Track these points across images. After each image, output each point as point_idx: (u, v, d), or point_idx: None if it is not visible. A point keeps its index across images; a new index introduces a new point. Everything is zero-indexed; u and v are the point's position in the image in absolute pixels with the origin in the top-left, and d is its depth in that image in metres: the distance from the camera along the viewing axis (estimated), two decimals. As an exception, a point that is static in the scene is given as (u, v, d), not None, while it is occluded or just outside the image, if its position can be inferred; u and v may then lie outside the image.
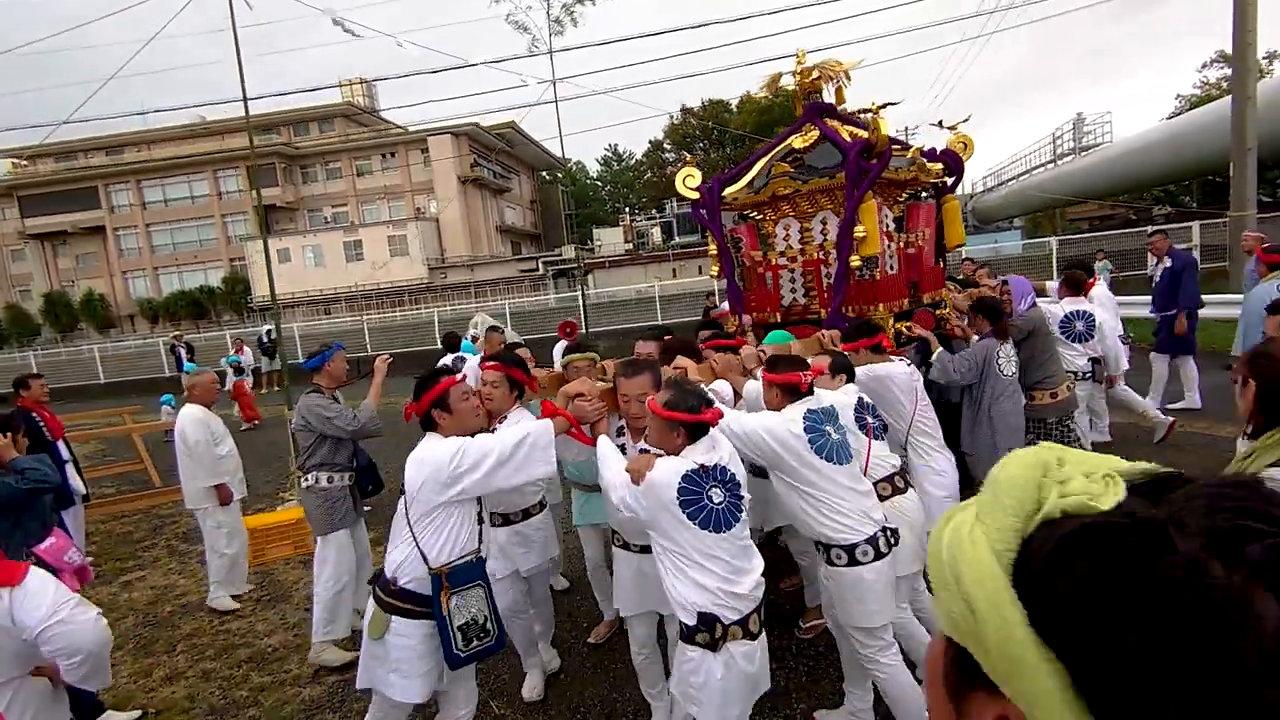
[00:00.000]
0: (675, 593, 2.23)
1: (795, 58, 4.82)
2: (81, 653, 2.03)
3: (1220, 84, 34.50)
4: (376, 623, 2.48)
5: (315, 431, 3.78)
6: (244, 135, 40.94)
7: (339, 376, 3.93)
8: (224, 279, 41.60)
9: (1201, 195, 29.40)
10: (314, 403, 3.77)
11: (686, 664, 2.23)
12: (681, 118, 42.57)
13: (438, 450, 2.48)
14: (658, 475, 2.23)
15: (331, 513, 3.83)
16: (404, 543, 2.48)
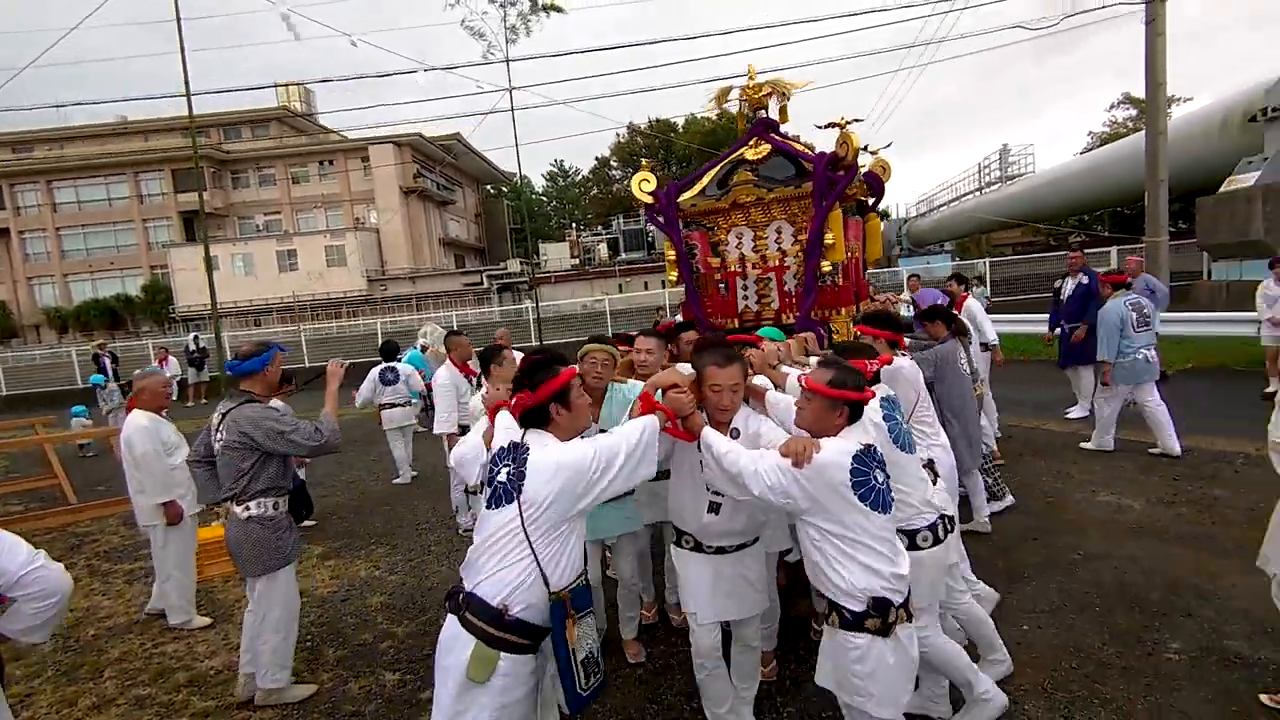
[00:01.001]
0: (840, 580, 2.15)
1: (746, 74, 4.93)
2: (57, 594, 2.04)
3: (1126, 123, 37.33)
4: (483, 663, 2.03)
5: (259, 450, 3.15)
6: (169, 136, 39.09)
7: (275, 384, 3.39)
8: (144, 287, 39.18)
9: (1112, 225, 31.61)
10: (260, 415, 3.13)
11: (852, 651, 2.14)
12: (629, 135, 42.95)
13: (574, 454, 2.14)
14: (829, 456, 2.14)
15: (281, 544, 3.27)
16: (517, 562, 2.07)
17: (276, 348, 3.39)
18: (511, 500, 2.09)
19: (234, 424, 3.14)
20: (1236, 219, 13.11)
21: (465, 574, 2.18)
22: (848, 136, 4.28)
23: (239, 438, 3.13)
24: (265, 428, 3.11)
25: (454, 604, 2.14)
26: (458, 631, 2.08)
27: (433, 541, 5.66)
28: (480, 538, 2.15)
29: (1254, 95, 14.21)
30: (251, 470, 3.17)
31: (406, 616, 4.29)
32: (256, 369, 3.29)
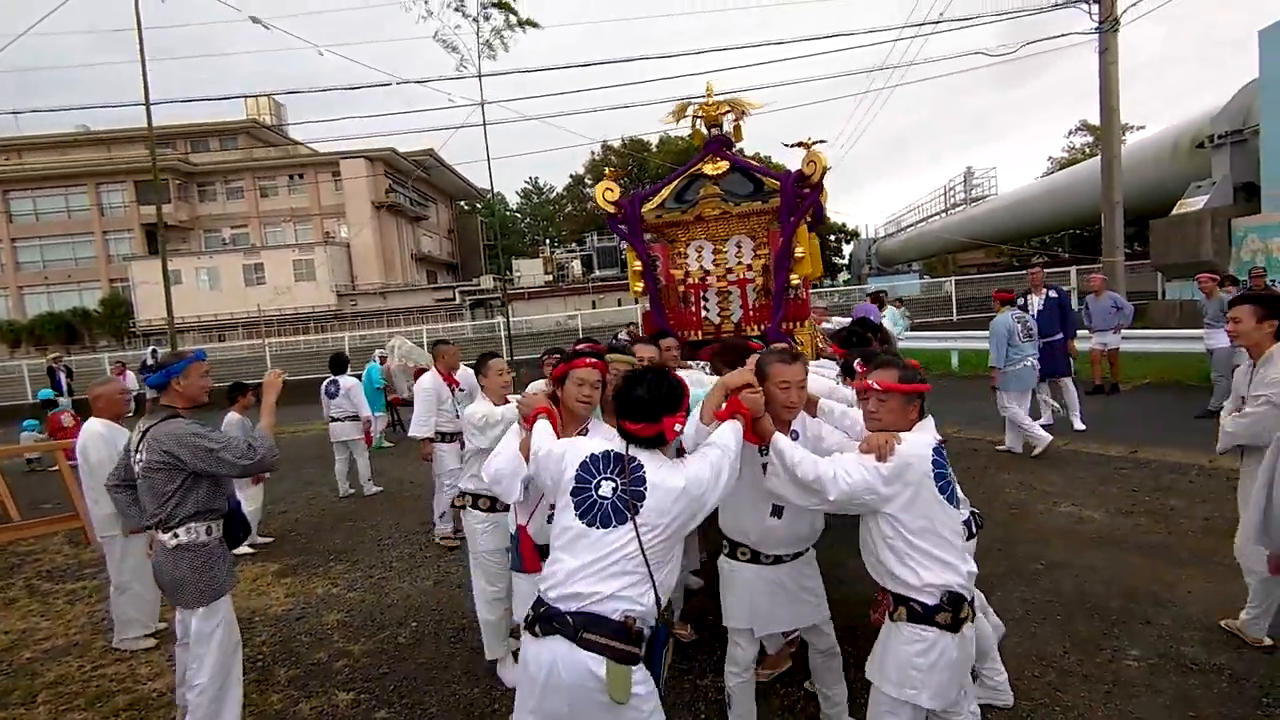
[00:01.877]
0: (914, 575, 2.13)
1: (705, 91, 4.98)
2: None
3: (1084, 149, 38.68)
4: (621, 680, 1.88)
5: (186, 470, 2.79)
6: (132, 146, 38.31)
7: (196, 396, 2.97)
8: (103, 300, 38.07)
9: (1072, 246, 32.64)
10: (185, 431, 2.76)
11: (916, 644, 2.12)
12: (603, 154, 43.24)
13: (694, 474, 2.04)
14: (912, 449, 2.14)
15: (215, 573, 2.89)
16: (635, 584, 1.97)
17: (195, 355, 3.03)
18: (625, 520, 1.98)
19: (155, 442, 2.76)
20: (1187, 240, 13.61)
21: (553, 595, 2.01)
22: (815, 156, 4.35)
23: (162, 458, 2.76)
24: (191, 445, 2.75)
25: (559, 626, 1.96)
26: (574, 656, 1.92)
27: (394, 558, 5.51)
28: (580, 559, 1.99)
29: (1201, 123, 14.84)
30: (178, 493, 2.80)
31: (364, 634, 4.15)
32: (163, 381, 2.91)
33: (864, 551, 2.32)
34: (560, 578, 2.01)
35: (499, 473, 2.49)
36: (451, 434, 5.58)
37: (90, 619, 4.67)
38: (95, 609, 4.83)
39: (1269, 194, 12.06)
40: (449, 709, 3.30)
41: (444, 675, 3.61)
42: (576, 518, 2.03)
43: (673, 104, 5.00)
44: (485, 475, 2.56)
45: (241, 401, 6.27)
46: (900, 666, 2.16)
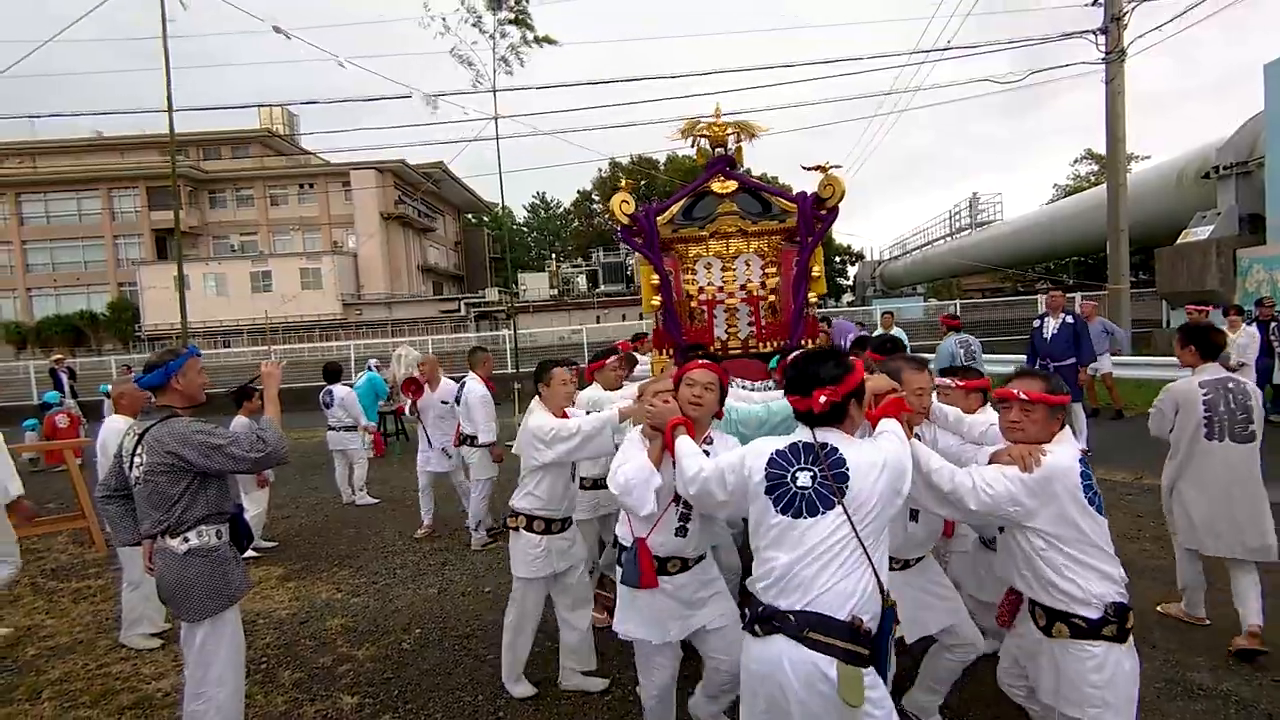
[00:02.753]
0: (1075, 588, 2.09)
1: (713, 112, 5.05)
2: None
3: (1089, 177, 38.94)
4: (853, 683, 1.82)
5: (193, 471, 2.65)
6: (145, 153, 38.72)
7: (195, 394, 2.85)
8: (110, 304, 38.30)
9: (1076, 273, 32.75)
10: (190, 430, 2.64)
11: (1088, 661, 2.07)
12: (611, 171, 43.61)
13: (894, 452, 2.02)
14: (1060, 460, 2.12)
15: (227, 579, 2.75)
16: (854, 570, 1.90)
17: (189, 352, 2.87)
18: (831, 505, 1.93)
19: (157, 444, 2.62)
20: (1193, 270, 13.66)
21: (772, 594, 1.95)
22: (833, 180, 4.45)
23: (165, 459, 2.61)
24: (196, 443, 2.61)
25: (781, 625, 1.90)
26: (800, 655, 1.86)
27: (398, 565, 5.51)
28: (793, 552, 1.93)
29: (1206, 153, 14.95)
30: (185, 495, 2.66)
31: (368, 639, 4.15)
32: (161, 380, 2.75)
33: (1005, 565, 2.27)
34: (777, 574, 1.95)
35: (630, 482, 2.37)
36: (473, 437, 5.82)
37: (95, 617, 4.67)
38: (100, 608, 4.84)
39: (1274, 225, 12.13)
40: (453, 715, 3.30)
41: (448, 682, 3.61)
42: (778, 513, 1.98)
43: (677, 129, 5.07)
44: (614, 485, 2.40)
45: (248, 405, 6.31)
46: (1076, 686, 2.10)
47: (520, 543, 3.31)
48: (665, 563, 2.53)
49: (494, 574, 5.16)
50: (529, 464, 3.26)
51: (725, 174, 4.88)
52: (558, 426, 3.13)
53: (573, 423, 3.15)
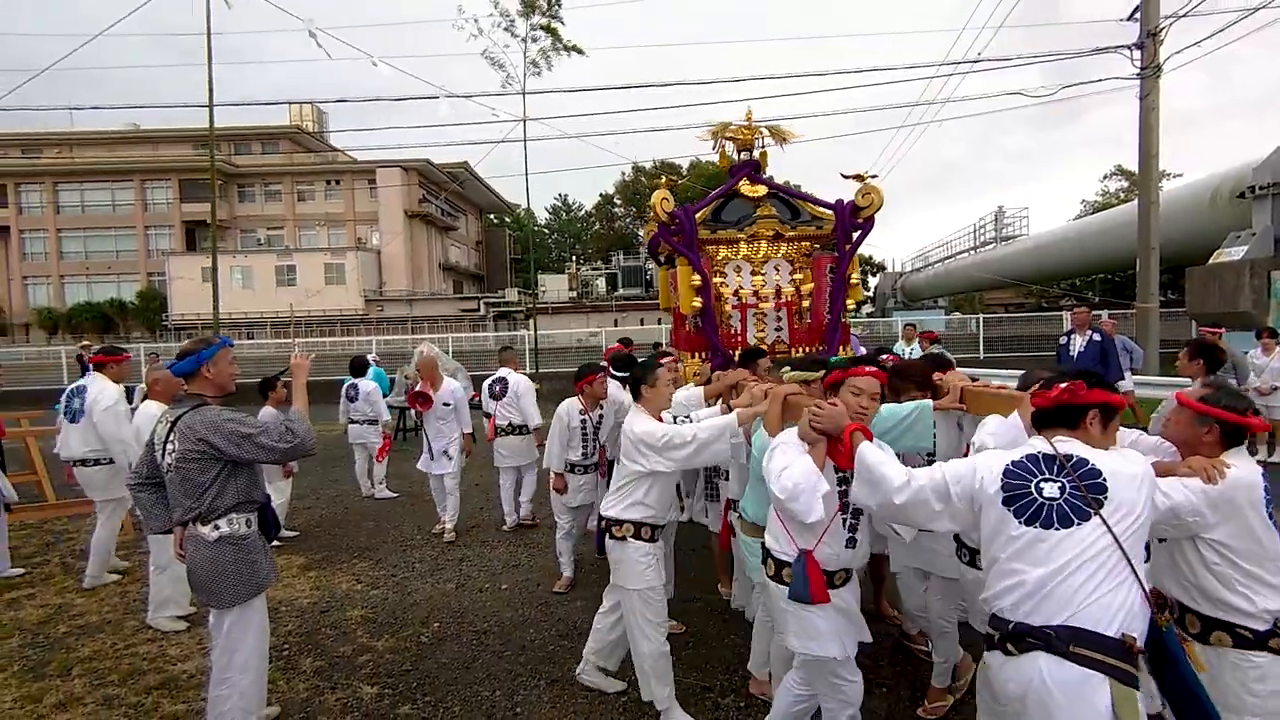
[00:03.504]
0: (1246, 602, 2.09)
1: (745, 116, 5.05)
2: None
3: (1119, 193, 38.38)
4: (1129, 704, 1.73)
5: (223, 459, 2.69)
6: (178, 146, 39.47)
7: (225, 383, 2.88)
8: (139, 293, 39.09)
9: (1102, 290, 32.27)
10: (221, 418, 2.68)
11: (1251, 671, 2.08)
12: (634, 175, 43.76)
13: (1144, 465, 1.99)
14: (1243, 475, 2.09)
15: (255, 569, 2.80)
16: (1120, 585, 1.80)
17: (222, 341, 2.91)
18: (1087, 516, 1.84)
19: (188, 431, 2.66)
20: (1225, 290, 13.41)
21: (1023, 610, 1.85)
22: (872, 190, 4.46)
23: (196, 446, 2.65)
24: (227, 431, 2.66)
25: (1037, 641, 1.80)
26: (1064, 673, 1.75)
27: (417, 559, 5.57)
28: (1046, 566, 1.83)
29: (1242, 173, 14.68)
30: (215, 483, 2.71)
31: (387, 631, 4.20)
32: (193, 368, 2.79)
33: (1167, 573, 2.26)
34: (1028, 589, 1.84)
35: (798, 488, 2.28)
36: (521, 426, 6.09)
37: (123, 599, 4.78)
38: (127, 589, 4.95)
39: (1310, 247, 11.87)
40: (471, 709, 3.33)
41: (466, 676, 3.64)
42: (1022, 524, 1.89)
43: (707, 129, 5.07)
44: (780, 490, 2.30)
45: (274, 396, 6.42)
46: (1235, 694, 2.11)
47: (630, 552, 3.06)
48: (833, 575, 2.46)
49: (510, 571, 5.21)
50: (632, 471, 3.06)
51: (752, 178, 4.90)
52: (670, 433, 2.94)
53: (687, 430, 2.96)
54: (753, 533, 3.04)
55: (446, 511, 6.17)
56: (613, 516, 3.12)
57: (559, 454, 4.68)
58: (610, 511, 3.13)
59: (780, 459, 2.39)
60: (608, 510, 3.15)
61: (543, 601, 4.60)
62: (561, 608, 4.47)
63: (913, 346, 10.75)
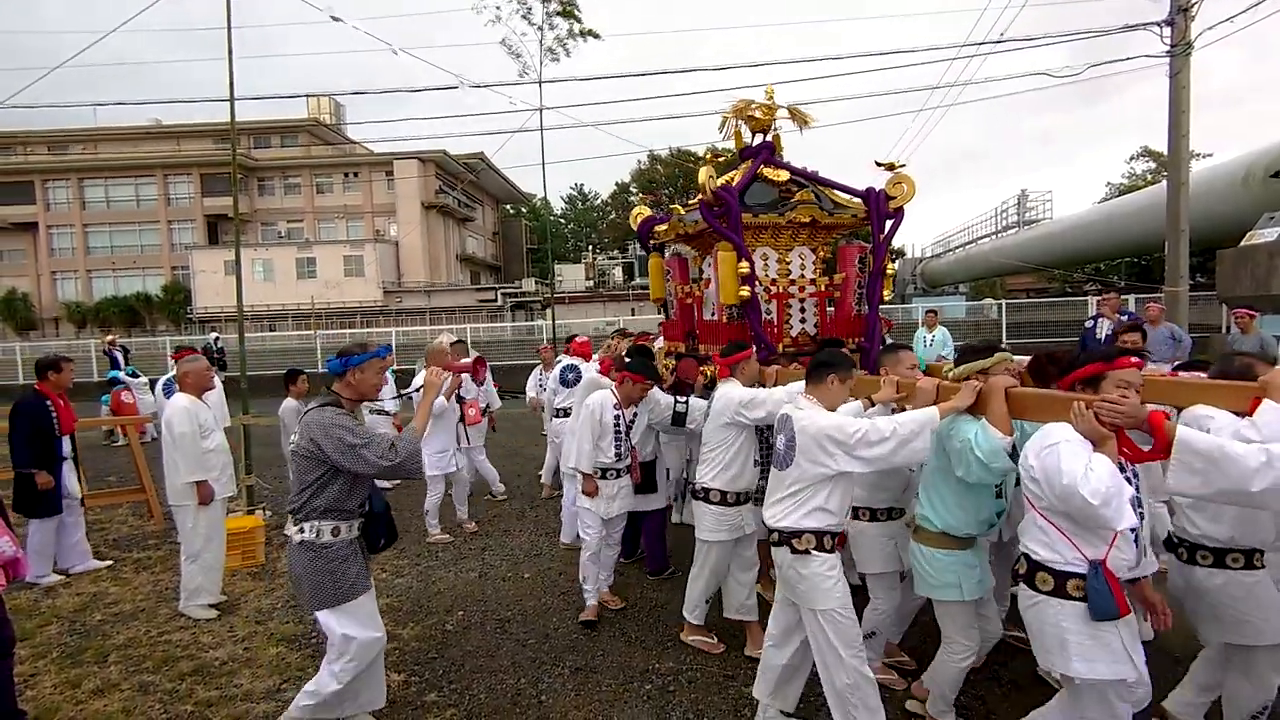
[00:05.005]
0: None
1: (765, 94, 4.89)
2: None
3: (1145, 175, 37.49)
4: None
5: (327, 463, 2.69)
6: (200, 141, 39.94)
7: (367, 392, 2.86)
8: (164, 287, 39.74)
9: (1129, 274, 31.60)
10: (333, 422, 2.66)
11: None
12: (650, 163, 43.52)
13: None
14: None
15: (340, 578, 2.74)
16: None
17: (378, 351, 2.86)
18: None
19: (306, 428, 2.70)
20: (1258, 273, 13.05)
21: None
22: (904, 179, 4.35)
23: (308, 445, 2.69)
24: (335, 437, 2.64)
25: None
26: None
27: (439, 548, 5.63)
28: None
29: (1276, 152, 14.27)
30: (316, 484, 2.72)
31: (412, 619, 4.26)
32: (340, 369, 2.81)
33: None
34: None
35: (1109, 492, 2.08)
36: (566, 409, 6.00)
37: (155, 587, 4.89)
38: (160, 578, 5.06)
39: (1348, 228, 11.51)
40: (496, 696, 3.37)
41: (491, 664, 3.68)
42: None
43: (722, 115, 4.91)
44: (1091, 495, 2.07)
45: (295, 388, 6.50)
46: None
47: (814, 567, 2.69)
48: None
49: (532, 560, 5.24)
50: (815, 474, 2.68)
51: (771, 162, 4.79)
52: (864, 429, 2.60)
53: (885, 424, 2.62)
54: (941, 544, 2.80)
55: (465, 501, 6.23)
56: (788, 527, 2.73)
57: (589, 452, 4.11)
58: (784, 522, 2.74)
59: (1073, 460, 2.15)
60: (779, 521, 2.77)
61: (564, 590, 4.62)
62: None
63: (934, 334, 10.63)
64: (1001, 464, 2.50)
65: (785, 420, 2.80)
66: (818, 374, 2.81)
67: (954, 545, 2.79)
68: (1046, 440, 2.26)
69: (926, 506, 2.88)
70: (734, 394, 3.52)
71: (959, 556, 2.80)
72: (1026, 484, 2.33)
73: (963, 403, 2.63)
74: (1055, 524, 2.26)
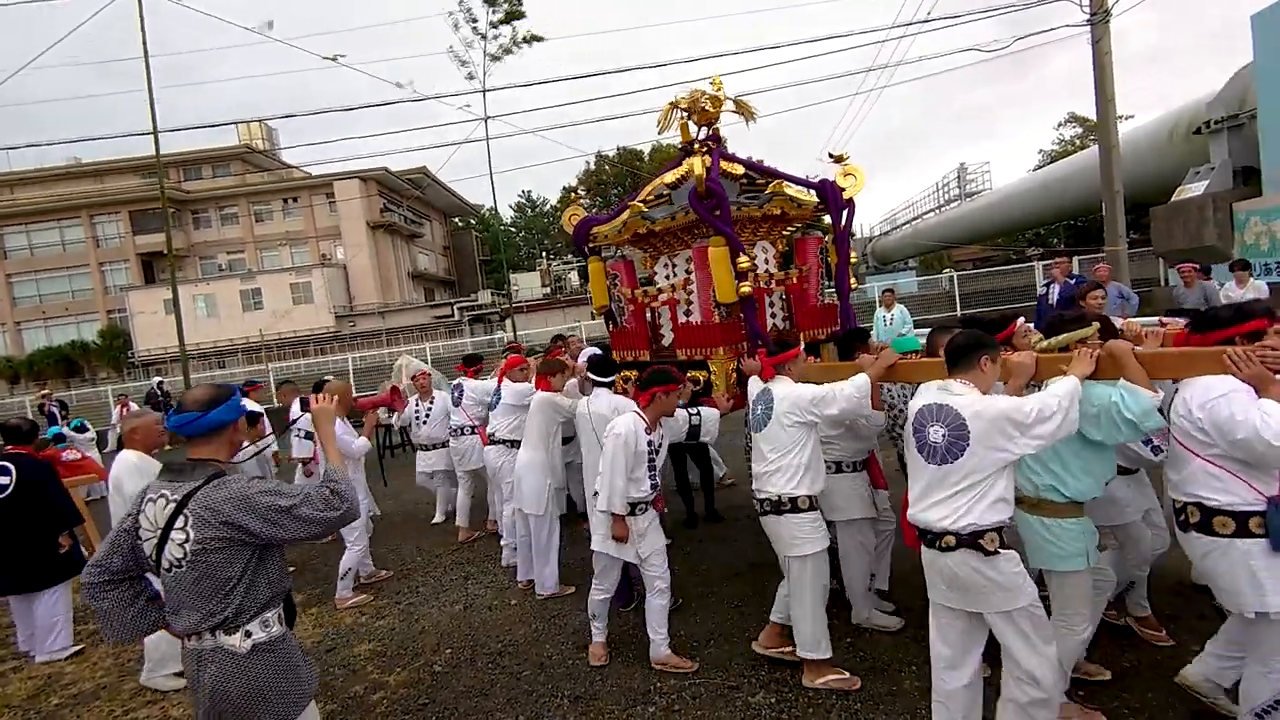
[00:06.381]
0: None
1: (712, 84, 4.78)
2: None
3: (1074, 140, 38.85)
4: None
5: (255, 543, 2.13)
6: (125, 177, 38.29)
7: (238, 442, 2.35)
8: (101, 332, 37.96)
9: (1067, 237, 32.71)
10: (252, 492, 2.10)
11: None
12: (597, 164, 43.38)
13: None
14: None
15: (299, 677, 2.23)
16: None
17: (234, 387, 2.36)
18: None
19: (209, 513, 2.06)
20: (1190, 226, 13.59)
21: None
22: (854, 170, 4.36)
23: (223, 532, 2.07)
24: (262, 507, 2.09)
25: None
26: None
27: (420, 582, 5.43)
28: None
29: (1196, 109, 14.87)
30: (245, 577, 2.11)
31: (398, 664, 4.06)
32: (228, 420, 2.24)
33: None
34: None
35: None
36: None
37: (116, 660, 4.58)
38: (119, 650, 4.73)
39: (1269, 176, 12.04)
40: (495, 739, 3.22)
41: (485, 704, 3.52)
42: None
43: (665, 108, 4.76)
44: (1274, 439, 2.23)
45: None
46: None
47: (1003, 565, 2.47)
48: None
49: (517, 585, 5.08)
50: (995, 460, 2.48)
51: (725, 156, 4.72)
52: (1038, 405, 2.46)
53: (1048, 400, 2.49)
54: (1069, 513, 2.76)
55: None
56: (970, 526, 2.48)
57: (623, 489, 3.56)
58: (961, 521, 2.49)
59: (1246, 408, 2.29)
60: (954, 522, 2.50)
61: (555, 614, 4.49)
62: (575, 618, 4.36)
63: (893, 312, 10.76)
64: (1155, 422, 2.50)
65: (940, 410, 2.57)
66: (966, 358, 2.63)
67: (1079, 513, 2.79)
68: (1211, 393, 2.39)
69: (1049, 476, 2.78)
70: (801, 393, 3.29)
71: (1083, 524, 2.79)
72: (1188, 434, 2.47)
73: (1085, 370, 2.59)
74: (1227, 468, 2.39)
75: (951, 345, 2.69)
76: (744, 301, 4.06)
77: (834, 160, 4.57)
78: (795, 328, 4.56)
